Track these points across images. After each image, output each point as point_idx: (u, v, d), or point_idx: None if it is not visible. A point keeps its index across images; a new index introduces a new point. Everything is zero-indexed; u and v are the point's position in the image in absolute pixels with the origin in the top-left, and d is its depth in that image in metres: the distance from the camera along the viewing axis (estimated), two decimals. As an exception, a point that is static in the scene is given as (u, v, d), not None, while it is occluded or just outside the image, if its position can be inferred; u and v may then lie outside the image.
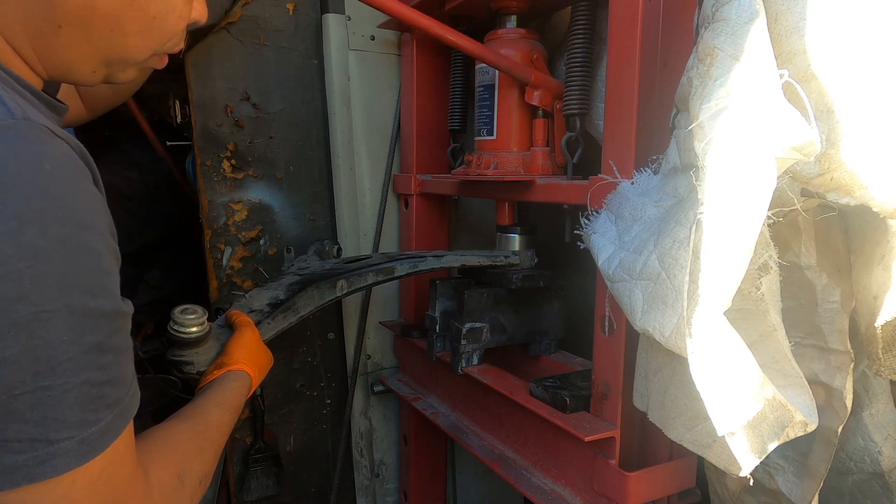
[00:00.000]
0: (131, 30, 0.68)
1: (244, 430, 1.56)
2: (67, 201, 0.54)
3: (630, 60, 0.96)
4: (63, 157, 0.56)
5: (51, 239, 0.52)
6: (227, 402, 0.90)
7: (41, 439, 0.52)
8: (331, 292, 1.24)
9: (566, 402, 1.08)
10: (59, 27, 0.64)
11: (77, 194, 0.56)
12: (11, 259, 0.50)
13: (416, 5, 1.41)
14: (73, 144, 0.58)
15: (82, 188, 0.57)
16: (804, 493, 0.91)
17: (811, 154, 0.63)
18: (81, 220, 0.55)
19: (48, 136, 0.55)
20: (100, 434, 0.56)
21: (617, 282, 0.84)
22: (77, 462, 0.55)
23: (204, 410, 0.85)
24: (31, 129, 0.54)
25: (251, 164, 1.51)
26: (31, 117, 0.55)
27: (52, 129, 0.56)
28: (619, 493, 1.02)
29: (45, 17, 0.63)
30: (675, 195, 0.82)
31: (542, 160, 1.28)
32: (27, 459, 0.52)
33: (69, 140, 0.58)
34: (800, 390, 0.77)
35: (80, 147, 0.59)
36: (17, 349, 0.50)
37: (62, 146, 0.56)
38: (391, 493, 1.80)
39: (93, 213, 0.57)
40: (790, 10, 0.67)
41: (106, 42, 0.68)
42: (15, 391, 0.51)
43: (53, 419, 0.53)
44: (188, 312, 1.02)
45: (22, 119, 0.54)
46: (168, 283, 1.93)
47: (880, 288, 0.73)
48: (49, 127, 0.56)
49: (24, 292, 0.50)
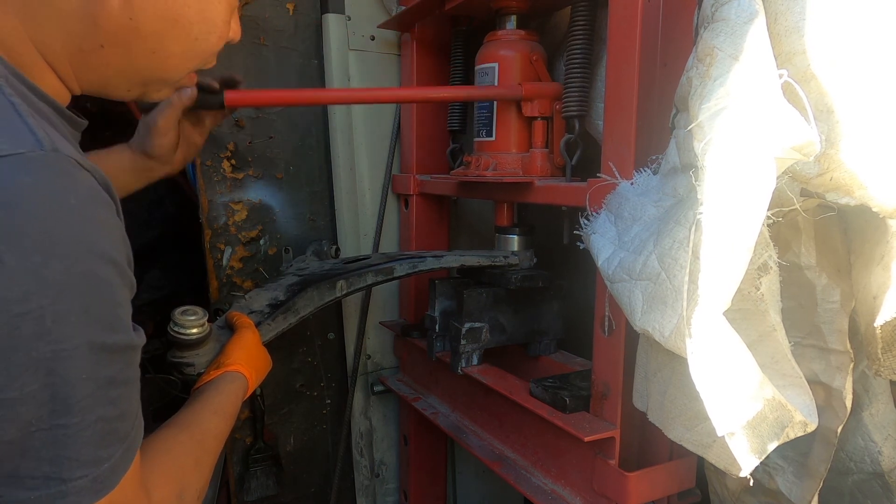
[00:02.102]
0: (173, 51, 0.69)
1: (244, 430, 1.56)
2: (91, 236, 0.54)
3: (630, 60, 0.96)
4: (89, 190, 0.55)
5: (74, 274, 0.52)
6: (223, 409, 0.89)
7: (55, 477, 0.52)
8: (330, 293, 1.24)
9: (566, 402, 1.08)
10: (101, 47, 0.64)
11: (101, 228, 0.55)
12: (34, 296, 0.49)
13: (417, 5, 1.41)
14: (98, 177, 0.57)
15: (106, 221, 0.57)
16: (804, 493, 0.91)
17: (811, 154, 0.63)
18: (104, 254, 0.55)
19: (75, 169, 0.54)
20: (111, 470, 0.56)
21: (617, 282, 0.84)
22: (89, 500, 0.54)
23: (201, 419, 0.85)
24: (58, 161, 0.53)
25: (251, 164, 1.51)
26: (59, 148, 0.54)
27: (79, 161, 0.55)
28: (619, 493, 1.02)
29: (87, 35, 0.63)
30: (675, 195, 0.82)
31: (541, 161, 1.28)
32: (40, 497, 0.52)
33: (94, 172, 0.57)
34: (799, 390, 0.77)
35: (105, 178, 0.59)
36: (36, 387, 0.50)
37: (88, 178, 0.56)
38: (391, 493, 1.80)
39: (114, 247, 0.57)
40: (790, 10, 0.67)
41: (146, 62, 0.68)
42: (31, 428, 0.50)
43: (67, 458, 0.52)
44: (188, 314, 1.01)
45: (50, 150, 0.53)
46: (168, 283, 1.93)
47: (880, 288, 0.73)
48: (76, 159, 0.55)
49: (46, 330, 0.50)
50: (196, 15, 0.69)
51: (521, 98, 1.26)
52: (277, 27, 1.51)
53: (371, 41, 1.61)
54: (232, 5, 0.74)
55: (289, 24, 1.52)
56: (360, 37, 1.58)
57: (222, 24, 0.73)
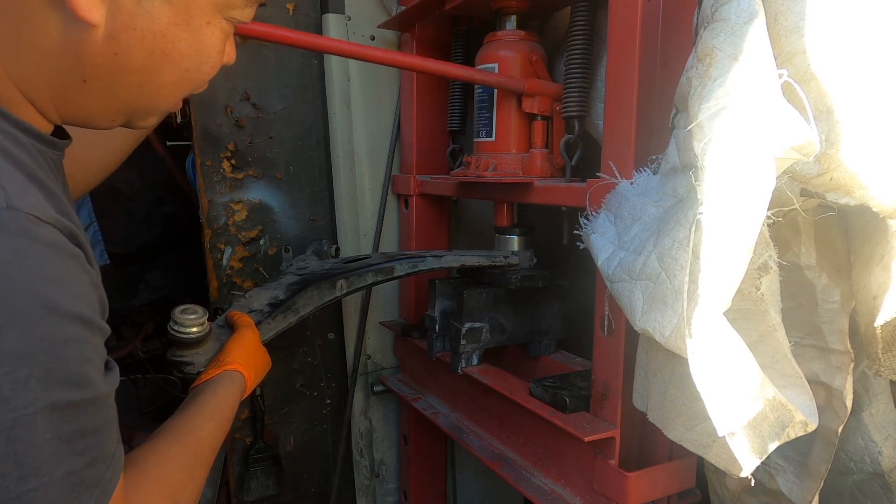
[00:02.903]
0: (162, 83, 0.66)
1: (244, 430, 1.57)
2: (52, 296, 0.51)
3: (630, 60, 0.96)
4: (49, 247, 0.53)
5: (33, 340, 0.50)
6: (220, 413, 0.89)
7: None
8: (330, 292, 1.24)
9: (566, 402, 1.08)
10: (84, 81, 0.62)
11: (63, 284, 0.53)
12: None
13: (417, 5, 1.41)
14: (60, 227, 0.55)
15: (69, 275, 0.54)
16: (804, 493, 0.91)
17: (810, 154, 0.63)
18: (66, 312, 0.52)
19: (34, 226, 0.52)
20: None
21: (616, 282, 0.84)
22: None
23: (196, 425, 0.83)
24: (14, 220, 0.50)
25: (251, 164, 1.51)
26: (16, 203, 0.51)
27: (38, 216, 0.52)
28: (619, 493, 1.02)
29: (70, 71, 0.61)
30: (675, 195, 0.82)
31: (541, 162, 1.28)
32: None
33: (57, 223, 0.54)
34: (800, 390, 0.77)
35: (69, 227, 0.56)
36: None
37: (48, 233, 0.53)
38: (391, 493, 1.80)
39: (80, 301, 0.54)
40: (790, 10, 0.67)
41: (133, 94, 0.66)
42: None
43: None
44: (188, 312, 1.01)
45: (5, 209, 0.50)
46: (168, 283, 1.93)
47: (880, 288, 0.73)
48: (35, 214, 0.52)
49: (4, 398, 0.48)
50: (188, 48, 0.65)
51: (524, 92, 1.25)
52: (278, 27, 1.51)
53: (371, 41, 1.61)
54: (226, 32, 0.69)
55: (289, 24, 1.52)
56: (360, 37, 1.58)
57: (216, 54, 0.69)
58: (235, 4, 0.67)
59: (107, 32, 0.60)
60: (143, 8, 0.60)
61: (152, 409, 2.23)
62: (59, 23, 0.58)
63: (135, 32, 0.61)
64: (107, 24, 0.59)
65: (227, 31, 0.69)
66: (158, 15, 0.61)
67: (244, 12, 0.69)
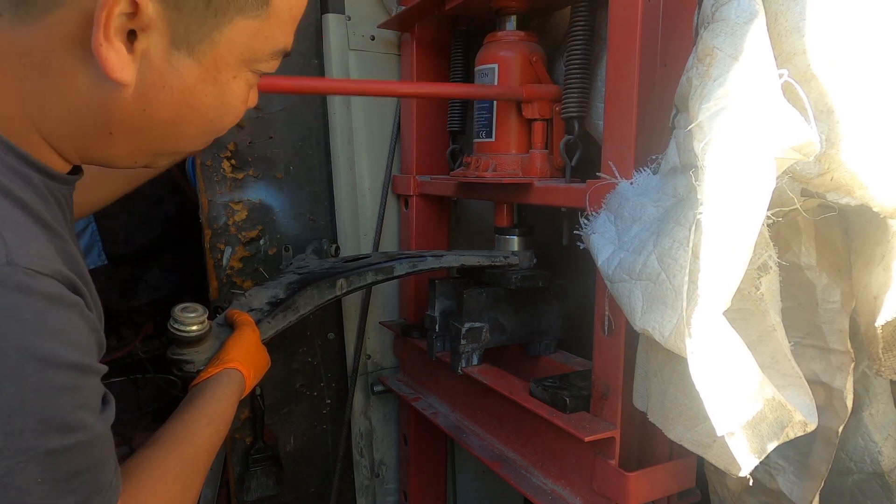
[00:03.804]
0: (187, 133, 0.67)
1: (244, 430, 1.56)
2: (48, 348, 0.52)
3: (630, 60, 0.96)
4: (46, 299, 0.53)
5: (28, 392, 0.50)
6: (218, 417, 0.88)
7: None
8: (330, 291, 1.24)
9: (566, 402, 1.08)
10: (111, 134, 0.63)
11: (60, 335, 0.53)
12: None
13: (417, 5, 1.41)
14: (60, 277, 0.55)
15: (67, 325, 0.54)
16: (805, 493, 0.91)
17: (810, 154, 0.63)
18: (63, 363, 0.53)
19: (31, 279, 0.52)
20: None
21: (616, 282, 0.84)
22: None
23: (193, 432, 0.83)
24: (13, 275, 0.51)
25: (251, 164, 1.51)
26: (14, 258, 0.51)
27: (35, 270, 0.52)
28: (619, 493, 1.02)
29: (96, 124, 0.62)
30: (675, 195, 0.82)
31: (541, 163, 1.28)
32: None
33: (56, 274, 0.55)
34: (799, 390, 0.77)
35: (68, 277, 0.56)
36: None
37: (46, 285, 0.53)
38: (391, 493, 1.80)
39: (77, 349, 0.55)
40: (790, 10, 0.67)
41: (157, 143, 0.67)
42: None
43: None
44: (189, 311, 1.01)
45: (5, 264, 0.50)
46: (168, 283, 1.93)
47: (880, 288, 0.73)
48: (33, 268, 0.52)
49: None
50: (214, 101, 0.66)
51: (522, 99, 1.26)
52: (278, 27, 1.51)
53: (371, 41, 1.61)
54: (251, 84, 0.69)
55: (289, 24, 1.52)
56: (360, 37, 1.58)
57: (241, 105, 0.69)
58: (262, 59, 0.67)
59: (137, 91, 0.60)
60: (173, 67, 0.61)
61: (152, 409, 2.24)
62: (89, 80, 0.59)
63: (164, 90, 0.61)
64: (137, 82, 0.60)
65: (252, 82, 0.70)
66: (187, 73, 0.62)
67: (269, 65, 0.69)
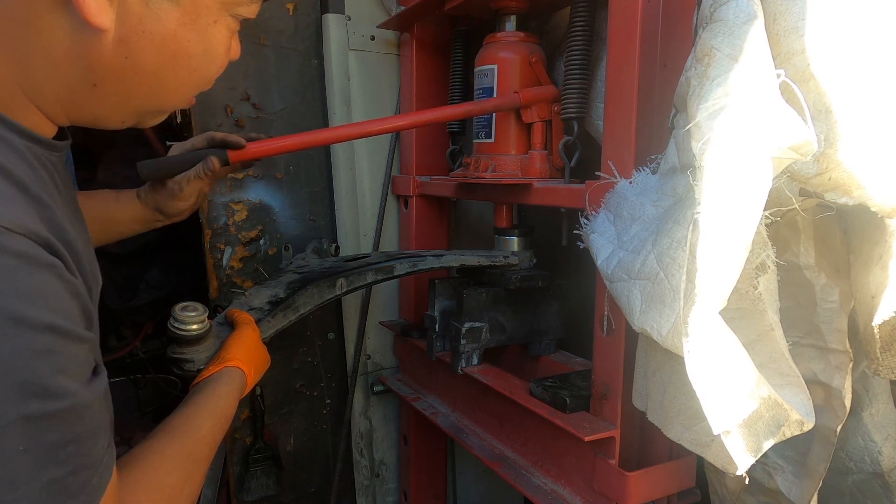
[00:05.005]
0: (172, 84, 0.67)
1: (244, 430, 1.57)
2: (20, 308, 0.50)
3: (630, 60, 0.96)
4: (17, 258, 0.51)
5: (1, 355, 0.49)
6: (219, 411, 0.88)
7: None
8: (330, 291, 1.24)
9: (566, 402, 1.08)
10: (94, 86, 0.62)
11: (33, 296, 0.51)
12: None
13: (417, 5, 1.42)
14: (34, 237, 0.53)
15: (41, 286, 0.53)
16: (803, 492, 0.91)
17: (808, 154, 0.63)
18: (38, 324, 0.51)
19: (2, 237, 0.50)
20: None
21: (616, 281, 0.84)
22: None
23: (194, 424, 0.83)
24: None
25: (251, 164, 1.51)
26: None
27: (8, 227, 0.51)
28: (619, 492, 1.02)
29: (80, 77, 0.61)
30: (674, 195, 0.82)
31: (540, 163, 1.29)
32: None
33: (29, 233, 0.53)
34: (797, 390, 0.77)
35: (44, 237, 0.54)
36: None
37: (19, 243, 0.51)
38: (391, 493, 1.80)
39: (55, 311, 0.53)
40: (788, 11, 0.67)
41: (143, 96, 0.66)
42: None
43: None
44: (189, 310, 1.02)
45: None
46: (168, 283, 1.94)
47: (878, 287, 0.73)
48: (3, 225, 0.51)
49: None
50: (196, 47, 0.66)
51: (520, 106, 1.26)
52: (277, 27, 1.51)
53: (371, 41, 1.61)
54: (232, 30, 0.70)
55: (289, 24, 1.52)
56: (360, 37, 1.59)
57: (223, 52, 0.70)
58: (241, 1, 0.68)
59: (116, 37, 0.60)
60: (151, 10, 0.61)
61: (152, 409, 2.24)
62: (68, 29, 0.58)
63: (144, 35, 0.61)
64: (116, 28, 0.60)
65: (234, 28, 0.70)
66: (166, 17, 0.62)
67: (249, 8, 0.70)
